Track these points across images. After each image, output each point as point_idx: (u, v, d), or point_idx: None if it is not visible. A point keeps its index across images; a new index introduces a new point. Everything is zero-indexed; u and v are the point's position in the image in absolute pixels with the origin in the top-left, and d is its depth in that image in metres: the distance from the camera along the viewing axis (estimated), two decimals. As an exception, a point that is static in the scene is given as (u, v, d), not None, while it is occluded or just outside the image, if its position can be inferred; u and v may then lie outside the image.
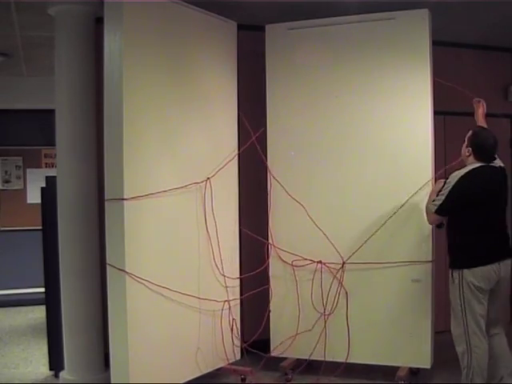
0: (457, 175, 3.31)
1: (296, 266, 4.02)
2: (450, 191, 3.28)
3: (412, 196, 3.78)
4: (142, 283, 3.25)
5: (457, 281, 3.31)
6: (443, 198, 3.29)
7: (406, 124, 3.82)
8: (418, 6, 3.76)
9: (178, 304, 3.53)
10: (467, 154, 3.41)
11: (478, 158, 3.36)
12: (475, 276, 3.26)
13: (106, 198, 3.28)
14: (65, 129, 3.87)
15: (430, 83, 3.77)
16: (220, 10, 3.86)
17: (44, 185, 4.16)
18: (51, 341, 4.18)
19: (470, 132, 3.47)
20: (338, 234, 3.95)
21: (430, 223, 3.44)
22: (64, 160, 3.87)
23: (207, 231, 3.76)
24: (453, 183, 3.28)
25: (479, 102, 3.79)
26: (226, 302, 3.89)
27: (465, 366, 3.29)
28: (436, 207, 3.33)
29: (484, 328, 3.30)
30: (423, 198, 3.73)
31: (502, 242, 3.42)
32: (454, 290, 3.34)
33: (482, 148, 3.37)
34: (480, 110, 3.77)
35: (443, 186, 3.33)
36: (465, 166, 3.43)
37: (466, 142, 3.44)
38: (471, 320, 3.28)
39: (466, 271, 3.28)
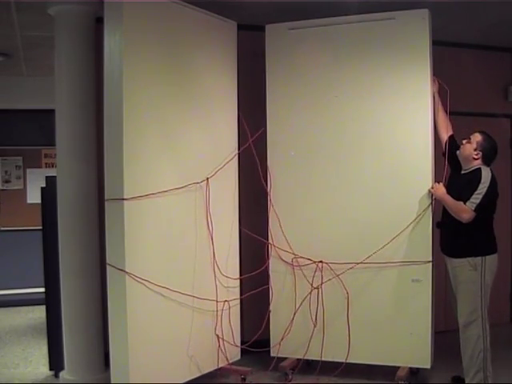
0: (488, 176, 3.49)
1: (296, 266, 4.02)
2: (487, 191, 3.45)
3: (412, 195, 3.79)
4: (141, 283, 3.25)
5: (479, 268, 3.50)
6: (481, 196, 3.44)
7: (405, 124, 3.82)
8: (417, 6, 3.76)
9: (178, 304, 3.53)
10: (475, 156, 3.58)
11: (485, 163, 3.59)
12: (495, 262, 3.56)
13: (106, 198, 3.28)
14: (65, 129, 3.87)
15: (430, 83, 3.77)
16: (220, 10, 3.86)
17: (44, 185, 4.16)
18: (51, 341, 4.18)
19: (480, 136, 3.61)
20: (338, 233, 3.96)
21: (466, 220, 3.48)
22: (64, 160, 3.87)
23: (208, 231, 3.76)
24: (488, 183, 3.46)
25: (434, 80, 3.87)
26: (226, 302, 3.89)
27: (481, 349, 3.49)
28: (475, 205, 3.44)
29: None
30: (423, 198, 3.75)
31: None
32: (475, 278, 3.51)
33: (493, 155, 3.62)
34: (434, 88, 3.86)
35: (478, 186, 3.45)
36: (471, 165, 3.61)
37: (474, 145, 3.59)
38: (485, 305, 3.51)
39: (489, 257, 3.52)
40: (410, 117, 3.81)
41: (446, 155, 3.81)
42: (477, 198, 3.44)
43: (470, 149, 3.60)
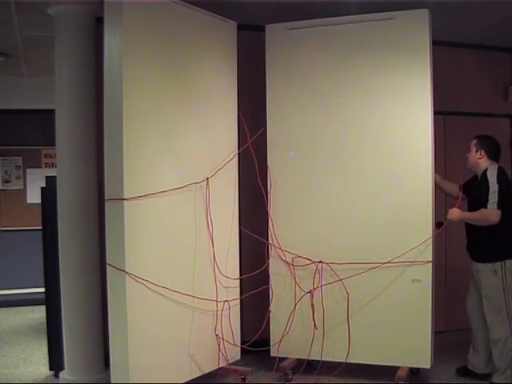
0: (494, 172, 3.58)
1: (296, 266, 4.02)
2: (499, 187, 3.52)
3: (412, 195, 3.79)
4: (142, 283, 3.25)
5: (500, 273, 3.59)
6: (496, 193, 3.50)
7: (405, 124, 3.82)
8: (417, 6, 3.76)
9: (178, 304, 3.53)
10: (479, 156, 3.71)
11: (492, 158, 3.70)
12: None
13: (105, 198, 3.28)
14: (65, 129, 3.87)
15: (429, 83, 3.77)
16: (220, 10, 3.87)
17: (44, 185, 4.16)
18: (51, 341, 4.18)
19: (475, 139, 3.76)
20: (338, 233, 3.95)
21: (496, 221, 3.51)
22: (64, 160, 3.87)
23: (208, 231, 3.76)
24: (495, 179, 3.54)
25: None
26: (226, 302, 3.89)
27: (510, 348, 3.59)
28: (496, 204, 3.49)
29: None
30: (423, 198, 3.75)
31: None
32: (497, 282, 3.61)
33: (496, 149, 3.73)
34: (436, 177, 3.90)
35: (489, 186, 3.52)
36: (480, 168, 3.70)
37: (474, 148, 3.74)
38: (510, 306, 3.60)
39: (509, 261, 3.59)
40: (410, 117, 3.80)
41: (463, 189, 3.88)
42: (494, 196, 3.50)
43: (473, 154, 3.74)
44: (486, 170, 3.64)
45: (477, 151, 3.71)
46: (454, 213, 3.68)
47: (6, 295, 6.59)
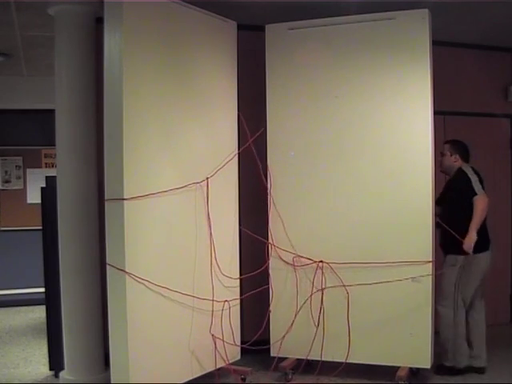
0: (468, 169, 3.86)
1: (296, 266, 4.02)
2: (477, 178, 3.80)
3: (412, 195, 3.79)
4: (141, 283, 3.25)
5: (458, 265, 3.78)
6: (478, 182, 3.79)
7: (405, 124, 3.82)
8: (417, 6, 3.76)
9: (178, 304, 3.53)
10: (454, 160, 3.97)
11: (465, 160, 3.97)
12: (481, 260, 3.80)
13: (105, 198, 3.28)
14: (65, 129, 3.87)
15: (429, 83, 3.77)
16: (220, 10, 3.87)
17: (44, 185, 4.16)
18: (51, 341, 4.18)
19: (448, 144, 4.07)
20: (338, 233, 3.96)
21: (487, 203, 3.74)
22: (64, 160, 3.87)
23: (208, 231, 3.76)
24: (472, 173, 3.83)
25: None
26: (226, 302, 3.89)
27: (455, 335, 3.82)
28: (481, 188, 3.77)
29: None
30: (423, 198, 3.75)
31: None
32: (452, 273, 3.81)
33: (468, 152, 4.01)
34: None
35: (469, 178, 3.80)
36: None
37: (449, 152, 3.99)
38: (460, 299, 3.85)
39: (473, 256, 3.73)
40: (411, 117, 3.80)
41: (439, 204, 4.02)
42: (477, 184, 3.77)
43: (448, 158, 4.00)
44: (459, 168, 3.88)
45: (451, 155, 3.96)
46: (468, 241, 3.68)
47: (6, 295, 6.59)
